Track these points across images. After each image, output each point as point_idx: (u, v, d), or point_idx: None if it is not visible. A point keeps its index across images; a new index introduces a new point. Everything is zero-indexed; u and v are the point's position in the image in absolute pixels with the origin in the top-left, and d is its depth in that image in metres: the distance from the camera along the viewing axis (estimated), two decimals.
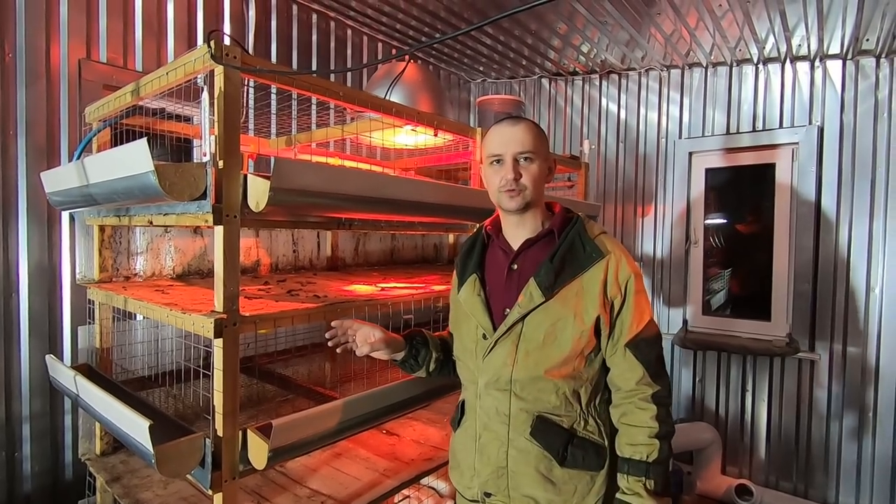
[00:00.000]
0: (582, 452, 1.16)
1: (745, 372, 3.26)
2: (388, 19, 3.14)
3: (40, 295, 2.05)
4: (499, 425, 1.19)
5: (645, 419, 1.13)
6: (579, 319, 1.14)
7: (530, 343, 1.16)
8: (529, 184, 1.17)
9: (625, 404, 1.17)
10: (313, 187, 1.31)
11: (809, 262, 3.02)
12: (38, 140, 2.03)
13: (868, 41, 2.73)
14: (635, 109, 3.64)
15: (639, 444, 1.13)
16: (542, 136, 1.21)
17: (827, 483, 3.02)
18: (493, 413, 1.19)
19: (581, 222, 1.22)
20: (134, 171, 1.17)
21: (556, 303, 1.15)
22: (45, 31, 2.04)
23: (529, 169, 1.17)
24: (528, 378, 1.16)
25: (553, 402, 1.16)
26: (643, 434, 1.13)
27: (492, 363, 1.19)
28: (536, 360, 1.15)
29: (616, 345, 1.16)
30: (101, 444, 1.87)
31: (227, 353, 1.22)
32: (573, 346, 1.14)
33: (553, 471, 1.16)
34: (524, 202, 1.18)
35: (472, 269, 1.26)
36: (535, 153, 1.18)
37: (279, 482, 1.71)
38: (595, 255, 1.16)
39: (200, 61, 1.22)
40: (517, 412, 1.17)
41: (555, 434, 1.15)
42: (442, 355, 1.36)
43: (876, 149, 2.86)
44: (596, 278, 1.15)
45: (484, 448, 1.21)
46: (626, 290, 1.16)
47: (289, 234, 2.39)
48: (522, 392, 1.16)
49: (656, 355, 1.17)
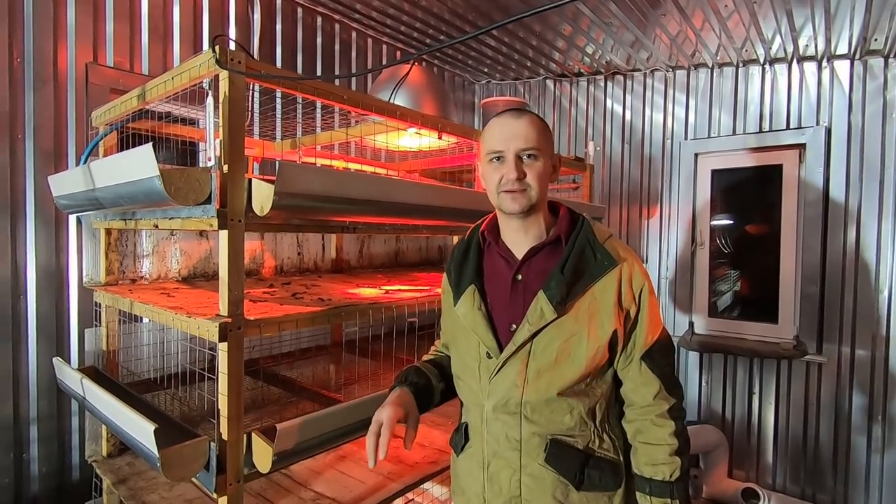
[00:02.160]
0: (599, 473, 1.07)
1: (752, 375, 3.24)
2: (393, 21, 3.15)
3: (48, 297, 2.06)
4: (510, 452, 1.08)
5: (663, 436, 1.06)
6: (594, 335, 1.04)
7: (541, 362, 1.04)
8: (534, 183, 1.05)
9: (640, 420, 1.09)
10: (318, 191, 1.31)
11: (817, 264, 3.00)
12: (45, 144, 2.05)
13: (876, 41, 2.70)
14: (640, 111, 3.63)
15: (660, 464, 1.06)
16: (548, 132, 1.10)
17: (835, 487, 2.99)
18: (502, 439, 1.08)
19: (588, 226, 1.11)
20: (140, 175, 1.18)
21: (568, 318, 1.04)
22: (53, 36, 2.06)
23: (534, 167, 1.05)
24: (541, 400, 1.05)
25: (567, 423, 1.06)
26: (663, 452, 1.06)
27: (499, 385, 1.07)
28: (549, 381, 1.04)
29: (630, 357, 1.08)
30: (108, 447, 1.88)
31: (232, 357, 1.22)
32: (588, 363, 1.04)
33: (570, 496, 1.06)
34: (528, 204, 1.05)
35: (470, 278, 1.13)
36: (541, 150, 1.06)
37: (284, 485, 1.71)
38: (607, 263, 1.05)
39: (205, 66, 1.23)
40: (529, 437, 1.06)
41: (571, 457, 1.06)
42: (443, 384, 1.24)
43: (885, 149, 2.83)
44: (609, 288, 1.05)
45: (494, 477, 1.10)
46: (640, 300, 1.07)
47: (293, 236, 2.40)
48: (534, 415, 1.06)
49: (670, 366, 1.10)
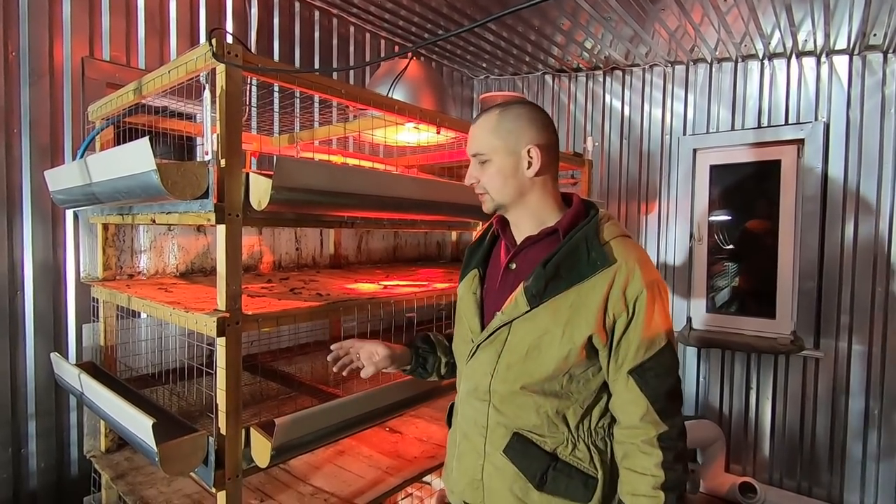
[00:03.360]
0: (566, 479, 1.02)
1: (750, 369, 3.25)
2: (391, 16, 3.13)
3: (45, 293, 2.06)
4: (476, 437, 1.10)
5: (648, 466, 0.98)
6: (567, 336, 0.99)
7: (513, 354, 1.05)
8: (489, 185, 1.08)
9: (626, 443, 1.02)
10: (316, 186, 1.31)
11: (815, 260, 3.01)
12: (41, 138, 2.04)
13: (875, 36, 2.70)
14: (639, 106, 3.62)
15: (640, 496, 0.98)
16: (504, 128, 1.06)
17: (831, 481, 3.01)
18: (472, 423, 1.12)
19: (595, 222, 1.05)
20: (136, 170, 1.17)
21: (545, 313, 1.01)
22: (49, 29, 2.04)
23: (486, 171, 1.08)
24: (507, 391, 1.05)
25: (533, 420, 1.04)
26: (646, 484, 0.98)
27: (473, 370, 1.11)
28: (516, 374, 1.04)
29: (619, 369, 1.00)
30: (106, 442, 1.88)
31: (230, 352, 1.22)
32: (556, 365, 1.01)
33: (529, 494, 1.04)
34: (493, 205, 1.10)
35: (476, 263, 1.19)
36: (490, 151, 1.06)
37: (282, 479, 1.72)
38: (600, 263, 0.99)
39: (202, 60, 1.22)
40: (495, 426, 1.07)
41: (533, 456, 1.03)
42: (450, 358, 1.30)
43: (883, 145, 2.83)
44: (597, 290, 0.99)
45: (462, 457, 1.14)
46: (634, 308, 0.98)
47: (291, 231, 2.40)
48: (501, 405, 1.06)
49: (667, 389, 1.00)
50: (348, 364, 1.25)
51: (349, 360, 1.25)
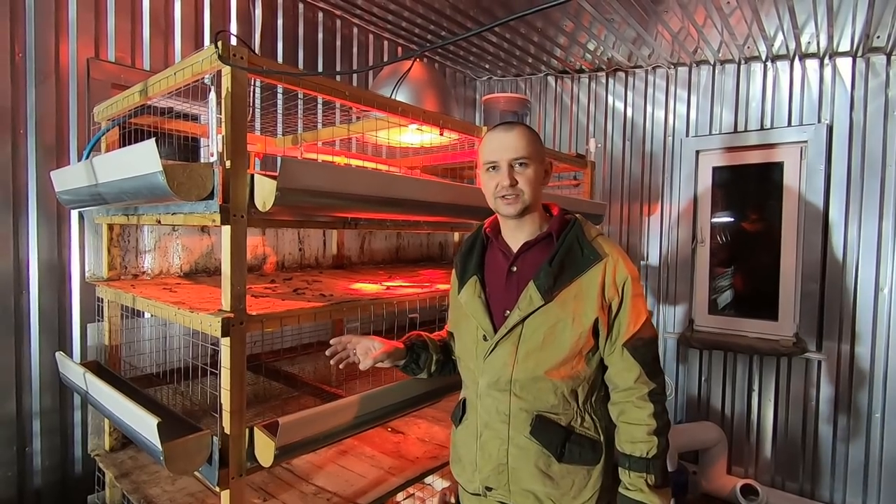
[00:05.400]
0: (579, 448, 1.19)
1: (752, 371, 3.25)
2: (395, 17, 3.14)
3: (50, 292, 2.07)
4: (499, 424, 1.22)
5: (643, 417, 1.17)
6: (578, 322, 1.17)
7: (530, 344, 1.18)
8: (526, 188, 1.19)
9: (623, 402, 1.20)
10: (320, 187, 1.32)
11: (817, 262, 3.00)
12: (47, 139, 2.05)
13: (879, 38, 2.70)
14: (642, 107, 3.62)
15: (638, 442, 1.17)
16: (537, 140, 1.23)
17: (833, 484, 3.00)
18: (493, 412, 1.23)
19: (579, 225, 1.24)
20: (142, 171, 1.18)
21: (555, 305, 1.17)
22: (55, 31, 2.06)
23: (525, 174, 1.19)
24: (528, 378, 1.19)
25: (552, 401, 1.19)
26: (642, 431, 1.17)
27: (492, 364, 1.22)
28: (536, 362, 1.18)
29: (614, 345, 1.19)
30: (111, 440, 1.89)
31: (234, 352, 1.23)
32: (572, 347, 1.17)
33: (552, 466, 1.19)
34: (522, 207, 1.20)
35: (473, 270, 1.29)
36: (530, 158, 1.19)
37: (285, 479, 1.73)
38: (593, 257, 1.19)
39: (208, 62, 1.23)
40: (517, 412, 1.20)
41: (553, 432, 1.19)
42: (441, 356, 1.40)
43: (886, 147, 2.83)
44: (594, 281, 1.18)
45: (485, 445, 1.25)
46: (623, 292, 1.18)
47: (295, 232, 2.41)
48: (522, 392, 1.20)
49: (653, 355, 1.21)
50: (345, 358, 1.32)
51: (346, 354, 1.31)
